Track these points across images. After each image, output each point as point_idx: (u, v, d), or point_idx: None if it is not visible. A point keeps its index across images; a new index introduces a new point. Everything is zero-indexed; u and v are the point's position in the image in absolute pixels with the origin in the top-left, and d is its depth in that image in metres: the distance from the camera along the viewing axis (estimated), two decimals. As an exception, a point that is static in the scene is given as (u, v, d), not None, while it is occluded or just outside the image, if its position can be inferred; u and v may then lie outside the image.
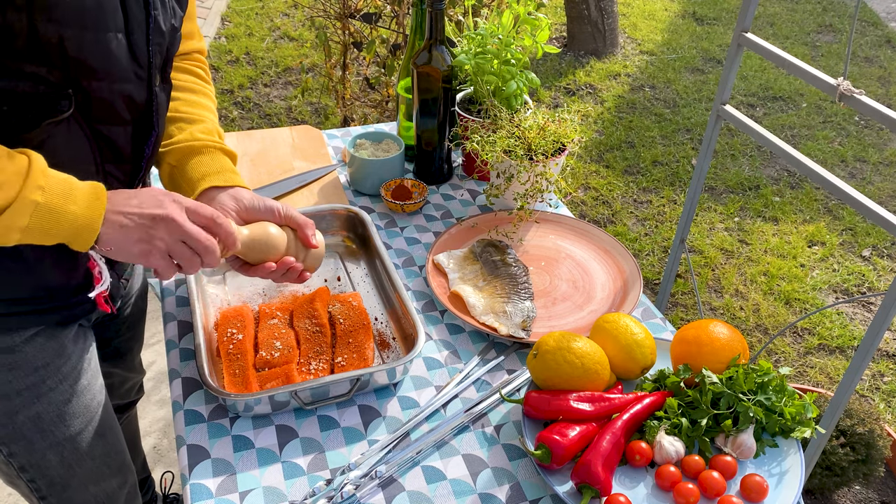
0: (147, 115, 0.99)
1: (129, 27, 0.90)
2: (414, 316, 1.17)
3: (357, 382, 1.09)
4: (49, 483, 1.15)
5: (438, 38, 1.46)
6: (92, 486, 1.20)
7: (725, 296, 2.84)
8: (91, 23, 0.84)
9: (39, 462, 1.12)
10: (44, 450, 1.11)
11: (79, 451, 1.15)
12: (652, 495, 0.98)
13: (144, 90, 0.96)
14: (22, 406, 1.06)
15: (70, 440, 1.13)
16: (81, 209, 0.85)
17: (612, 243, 1.43)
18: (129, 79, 0.93)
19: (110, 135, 0.94)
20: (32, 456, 1.11)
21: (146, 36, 0.93)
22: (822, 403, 1.89)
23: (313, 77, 4.15)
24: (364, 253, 1.39)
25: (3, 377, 1.03)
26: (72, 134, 0.89)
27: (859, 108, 1.42)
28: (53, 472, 1.14)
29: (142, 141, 1.01)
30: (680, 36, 4.87)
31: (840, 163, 3.65)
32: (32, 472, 1.13)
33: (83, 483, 1.19)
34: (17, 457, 1.11)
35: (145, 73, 0.95)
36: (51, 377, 1.07)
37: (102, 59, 0.87)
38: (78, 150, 0.91)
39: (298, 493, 0.99)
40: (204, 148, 1.10)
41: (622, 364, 1.10)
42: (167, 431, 2.21)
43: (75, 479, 1.17)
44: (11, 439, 1.08)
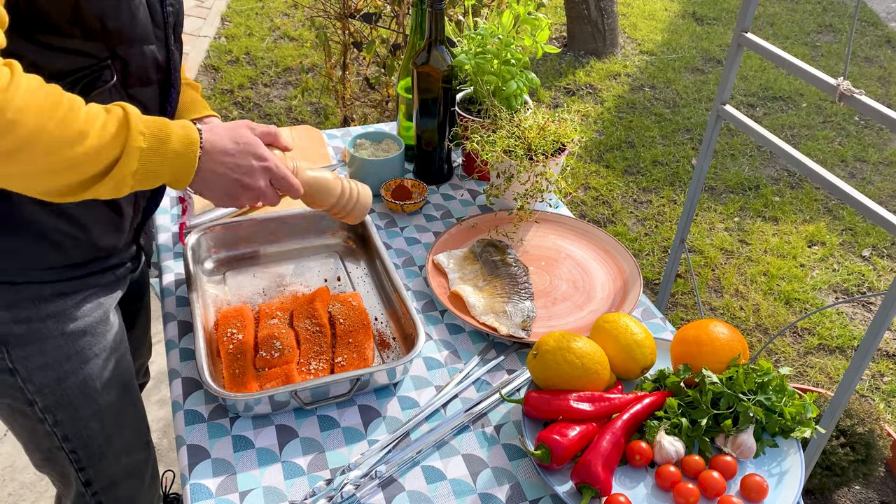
0: (168, 73, 1.06)
1: None
2: (414, 316, 1.17)
3: (357, 382, 1.09)
4: (89, 453, 1.19)
5: (438, 38, 1.46)
6: (124, 457, 1.25)
7: (725, 296, 2.84)
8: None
9: (82, 430, 1.16)
10: (87, 417, 1.15)
11: (117, 419, 1.19)
12: (652, 495, 0.98)
13: (164, 49, 1.03)
14: (71, 372, 1.09)
15: (110, 407, 1.17)
16: (179, 147, 0.90)
17: (612, 243, 1.43)
18: (152, 41, 1.00)
19: (142, 98, 1.02)
20: (76, 424, 1.14)
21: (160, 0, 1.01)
22: (822, 403, 1.89)
23: (313, 77, 4.15)
24: (364, 253, 1.39)
25: (55, 343, 1.06)
26: (112, 101, 0.94)
27: (859, 108, 1.42)
28: (93, 441, 1.18)
29: (164, 100, 1.08)
30: (680, 36, 4.87)
31: (840, 163, 3.65)
32: (74, 442, 1.16)
33: (117, 454, 1.23)
34: (62, 425, 1.14)
35: (163, 33, 1.02)
36: (97, 343, 1.11)
37: (134, 25, 0.94)
38: None
39: (298, 493, 0.99)
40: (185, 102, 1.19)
41: (622, 364, 1.10)
42: (167, 431, 2.21)
43: (111, 450, 1.21)
44: (58, 407, 1.11)
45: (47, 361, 1.06)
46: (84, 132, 0.81)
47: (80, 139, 0.81)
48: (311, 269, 1.36)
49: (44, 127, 0.77)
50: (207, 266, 1.34)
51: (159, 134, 0.88)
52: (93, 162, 0.83)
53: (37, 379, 1.07)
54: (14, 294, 1.00)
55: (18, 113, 0.75)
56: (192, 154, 0.91)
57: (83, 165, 0.82)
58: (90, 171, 0.83)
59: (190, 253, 1.27)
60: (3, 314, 1.01)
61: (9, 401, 1.10)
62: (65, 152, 0.80)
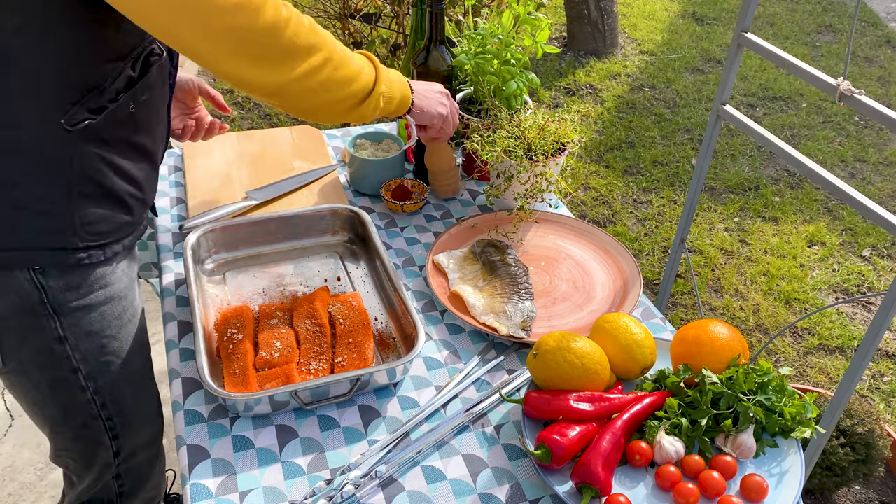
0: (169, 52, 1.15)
1: None
2: (414, 316, 1.17)
3: (357, 382, 1.09)
4: (124, 420, 1.23)
5: (438, 38, 1.46)
6: (146, 427, 1.30)
7: (725, 296, 2.84)
8: None
9: (118, 396, 1.19)
10: (121, 382, 1.19)
11: (142, 383, 1.26)
12: (652, 495, 0.98)
13: None
14: (112, 337, 1.14)
15: (136, 372, 1.22)
16: (397, 77, 1.22)
17: (612, 243, 1.43)
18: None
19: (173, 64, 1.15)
20: (114, 390, 1.18)
21: None
22: (822, 403, 1.89)
23: (313, 77, 4.14)
24: (364, 253, 1.39)
25: (100, 309, 1.11)
26: (163, 69, 1.10)
27: (859, 108, 1.42)
28: (126, 406, 1.22)
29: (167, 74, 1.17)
30: (680, 36, 4.87)
31: (840, 163, 3.65)
32: (111, 408, 1.20)
33: (142, 422, 1.28)
34: (102, 392, 1.17)
35: None
36: (129, 308, 1.17)
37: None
38: (166, 81, 1.13)
39: (298, 493, 0.99)
40: None
41: (622, 364, 1.10)
42: (167, 431, 2.21)
43: (138, 418, 1.27)
44: (100, 373, 1.15)
45: (94, 328, 1.11)
46: (350, 55, 1.08)
47: (349, 61, 1.07)
48: (311, 269, 1.36)
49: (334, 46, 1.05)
50: (207, 266, 1.34)
51: (385, 70, 1.18)
52: (362, 80, 1.10)
53: (83, 346, 1.11)
54: (66, 261, 1.03)
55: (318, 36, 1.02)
56: (406, 84, 1.25)
57: (359, 80, 1.09)
58: (363, 86, 1.10)
59: (190, 253, 1.27)
60: (56, 282, 1.04)
61: (54, 373, 1.12)
62: (350, 66, 1.08)
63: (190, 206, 1.47)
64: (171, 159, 1.65)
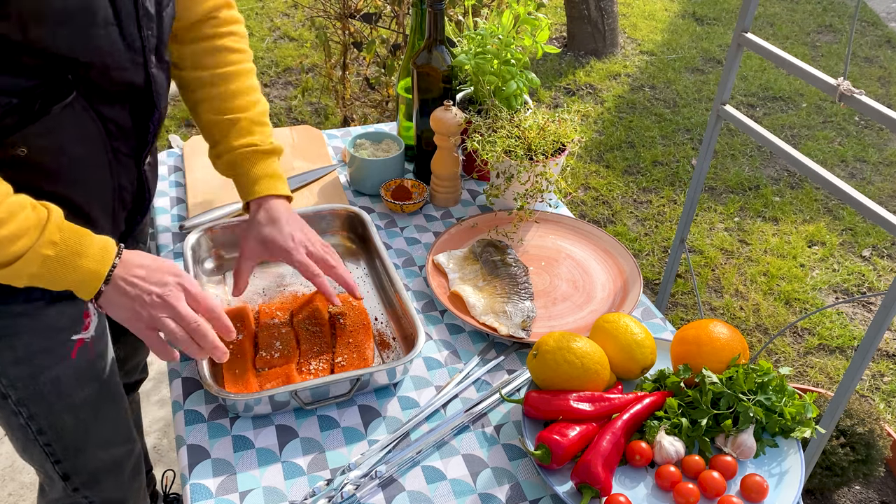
0: (147, 95, 1.04)
1: (118, 18, 0.93)
2: (414, 316, 1.17)
3: (357, 382, 1.09)
4: (64, 447, 1.18)
5: (438, 38, 1.46)
6: (102, 451, 1.24)
7: (725, 296, 2.84)
8: (79, 22, 0.88)
9: (56, 424, 1.15)
10: (61, 412, 1.14)
11: (93, 414, 1.18)
12: (652, 495, 0.98)
13: (141, 73, 1.01)
14: (44, 367, 1.09)
15: (86, 403, 1.16)
16: (90, 263, 0.92)
17: (612, 243, 1.43)
18: (123, 66, 0.97)
19: (113, 115, 1.00)
20: (50, 417, 1.14)
21: (136, 23, 0.97)
22: (822, 403, 1.89)
23: (313, 77, 4.14)
24: (364, 253, 1.39)
25: (26, 340, 1.06)
26: (78, 116, 0.95)
27: (859, 108, 1.42)
28: (69, 435, 1.17)
29: (145, 118, 1.06)
30: (680, 36, 4.87)
31: (840, 163, 3.65)
32: (50, 435, 1.16)
33: (95, 448, 1.22)
34: (37, 419, 1.13)
35: (140, 57, 0.99)
36: (70, 341, 1.10)
37: (93, 52, 0.92)
38: (87, 130, 0.97)
39: (298, 493, 0.99)
40: (236, 161, 1.19)
41: (622, 364, 1.10)
42: (167, 431, 2.21)
43: (89, 444, 1.21)
44: (32, 401, 1.11)
45: (19, 356, 1.06)
46: (3, 220, 0.85)
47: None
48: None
49: None
50: (207, 266, 1.34)
51: (72, 247, 0.90)
52: (4, 249, 0.85)
53: (10, 373, 1.07)
54: None
55: None
56: (102, 271, 0.93)
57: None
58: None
59: (190, 253, 1.27)
60: None
61: None
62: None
63: (190, 206, 1.47)
64: (171, 159, 1.65)
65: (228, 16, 1.23)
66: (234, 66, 1.21)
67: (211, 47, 1.20)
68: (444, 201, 1.54)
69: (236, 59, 1.22)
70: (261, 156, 1.19)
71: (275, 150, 1.21)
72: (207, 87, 1.20)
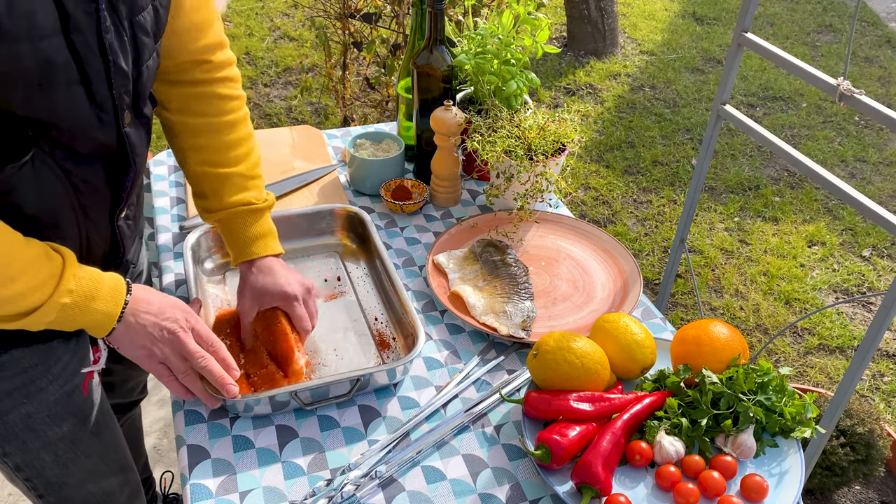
0: (121, 153, 0.97)
1: (85, 78, 0.86)
2: (414, 316, 1.17)
3: (357, 383, 1.09)
4: (46, 482, 1.15)
5: (438, 38, 1.46)
6: (90, 484, 1.20)
7: (725, 296, 2.84)
8: (37, 82, 0.81)
9: (34, 461, 1.12)
10: (38, 449, 1.10)
11: (74, 450, 1.14)
12: (652, 495, 0.98)
13: (113, 133, 0.94)
14: (12, 406, 1.05)
15: (63, 439, 1.12)
16: (104, 306, 0.93)
17: (612, 243, 1.43)
18: (91, 125, 0.90)
19: (82, 173, 0.93)
20: (27, 455, 1.11)
21: (107, 82, 0.89)
22: (822, 403, 1.89)
23: (313, 77, 4.14)
24: (364, 253, 1.39)
25: None
26: (39, 173, 0.88)
27: (859, 108, 1.42)
28: (49, 471, 1.14)
29: (120, 175, 1.00)
30: (680, 36, 4.86)
31: (840, 163, 3.65)
32: (28, 472, 1.13)
33: (81, 482, 1.18)
34: (12, 456, 1.10)
35: (111, 117, 0.92)
36: (40, 378, 1.05)
37: (55, 114, 0.85)
38: (50, 188, 0.91)
39: (298, 493, 0.99)
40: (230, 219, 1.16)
41: (622, 364, 1.10)
42: (167, 431, 2.21)
43: (72, 478, 1.17)
44: (5, 439, 1.08)
45: None
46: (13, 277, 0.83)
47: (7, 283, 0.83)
48: (311, 269, 1.36)
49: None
50: (207, 266, 1.34)
51: (87, 291, 0.90)
52: (12, 305, 0.85)
53: None
54: None
55: None
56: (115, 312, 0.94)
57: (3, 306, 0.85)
58: (7, 312, 0.86)
59: (190, 253, 1.27)
60: None
61: None
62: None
63: (190, 206, 1.47)
64: (171, 159, 1.65)
65: (223, 59, 1.14)
66: (228, 115, 1.15)
67: (202, 93, 1.13)
68: (444, 201, 1.54)
69: (230, 108, 1.15)
70: (256, 215, 1.16)
71: (267, 205, 1.18)
72: (198, 136, 1.14)
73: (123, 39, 0.90)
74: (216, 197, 1.15)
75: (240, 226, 1.15)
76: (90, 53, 0.85)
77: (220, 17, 1.13)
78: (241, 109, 1.17)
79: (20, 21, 0.76)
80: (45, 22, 0.79)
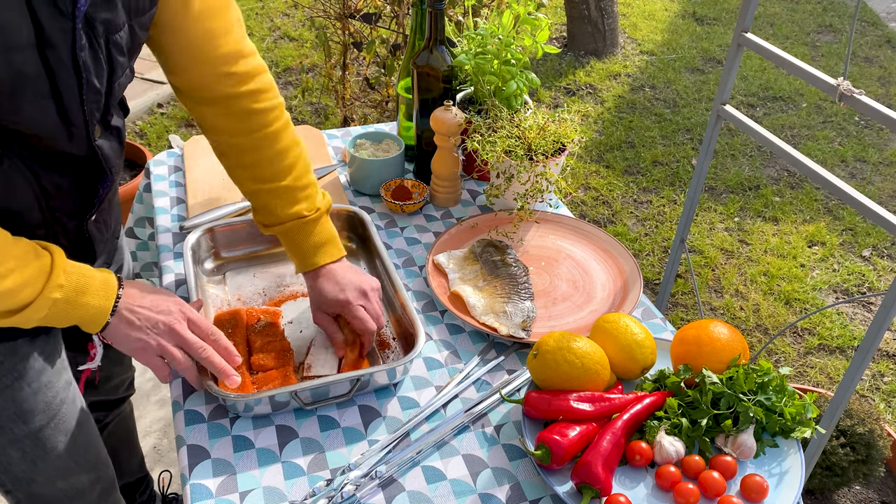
0: (93, 163, 0.97)
1: (57, 93, 0.85)
2: (414, 316, 1.17)
3: (357, 382, 1.09)
4: (13, 478, 1.15)
5: (438, 38, 1.46)
6: (60, 481, 1.19)
7: (725, 296, 2.84)
8: (8, 92, 0.81)
9: (0, 457, 1.11)
10: (3, 445, 1.10)
11: (41, 447, 1.13)
12: (652, 495, 0.98)
13: (84, 145, 0.94)
14: None
15: (31, 436, 1.11)
16: (95, 300, 0.93)
17: (612, 243, 1.43)
18: (61, 139, 0.90)
19: (52, 178, 0.94)
20: None
21: (79, 97, 0.88)
22: (822, 403, 1.89)
23: (313, 77, 4.14)
24: (364, 253, 1.39)
25: None
26: (7, 175, 0.88)
27: (859, 108, 1.42)
28: (16, 467, 1.13)
29: (92, 182, 1.00)
30: (680, 36, 4.87)
31: (840, 163, 3.65)
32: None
33: (49, 479, 1.17)
34: None
35: (82, 131, 0.92)
36: (5, 375, 1.05)
37: (22, 123, 0.85)
38: (19, 190, 0.91)
39: (298, 493, 0.99)
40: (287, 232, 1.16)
41: (622, 364, 1.10)
42: (167, 431, 2.21)
43: (41, 475, 1.16)
44: None
45: None
46: (2, 274, 0.84)
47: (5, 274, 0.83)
48: (311, 269, 1.36)
49: None
50: (207, 266, 1.34)
51: (77, 286, 0.91)
52: (3, 303, 0.85)
53: None
54: None
55: None
56: (107, 306, 0.94)
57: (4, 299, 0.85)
58: (8, 306, 0.86)
59: (190, 253, 1.27)
60: None
61: None
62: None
63: (190, 206, 1.47)
64: (171, 159, 1.65)
65: (247, 69, 1.09)
66: (266, 128, 1.11)
67: (235, 111, 1.09)
68: (444, 201, 1.54)
69: (268, 121, 1.11)
70: (311, 226, 1.15)
71: (321, 213, 1.16)
72: (240, 155, 1.12)
73: (98, 57, 0.89)
74: (268, 212, 1.15)
75: (297, 238, 1.15)
76: (63, 69, 0.85)
77: (242, 25, 1.08)
78: (281, 119, 1.13)
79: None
80: (19, 35, 0.79)
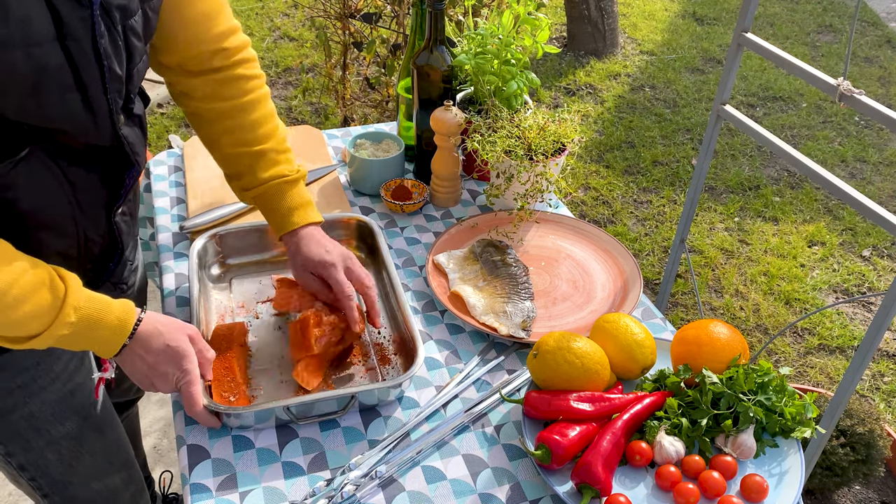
0: (119, 152, 0.98)
1: (81, 84, 0.86)
2: (413, 328, 1.15)
3: (352, 400, 1.07)
4: (50, 481, 1.15)
5: (438, 38, 1.46)
6: (95, 482, 1.21)
7: (725, 296, 2.84)
8: (31, 89, 0.81)
9: (37, 460, 1.12)
10: (41, 448, 1.11)
11: (77, 448, 1.15)
12: (652, 495, 0.98)
13: (108, 134, 0.95)
14: (15, 406, 1.06)
15: (67, 437, 1.13)
16: (106, 334, 0.93)
17: (612, 243, 1.43)
18: (86, 129, 0.91)
19: (78, 171, 0.94)
20: (30, 454, 1.11)
21: (102, 86, 0.89)
22: (822, 403, 1.89)
23: (313, 77, 4.14)
24: (372, 262, 1.37)
25: None
26: (35, 172, 0.88)
27: (859, 108, 1.42)
28: (53, 469, 1.14)
29: (118, 173, 1.01)
30: (680, 36, 4.86)
31: (840, 163, 3.65)
32: (32, 471, 1.13)
33: (85, 480, 1.19)
34: (16, 456, 1.11)
35: (106, 120, 0.93)
36: (42, 376, 1.06)
37: (48, 119, 0.85)
38: (46, 185, 0.91)
39: (298, 493, 0.99)
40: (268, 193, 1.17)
41: (622, 364, 1.10)
42: (167, 431, 2.21)
43: (76, 476, 1.18)
44: (8, 438, 1.08)
45: None
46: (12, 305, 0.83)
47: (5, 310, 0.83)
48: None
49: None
50: (213, 272, 1.33)
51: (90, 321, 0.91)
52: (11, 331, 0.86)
53: None
54: None
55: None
56: (119, 341, 0.95)
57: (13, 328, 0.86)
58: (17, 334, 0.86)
59: (196, 259, 1.25)
60: None
61: None
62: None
63: (190, 206, 1.47)
64: (171, 159, 1.65)
65: (237, 44, 1.16)
66: (251, 94, 1.17)
67: (225, 78, 1.15)
68: (444, 201, 1.54)
69: (252, 87, 1.18)
70: (290, 186, 1.18)
71: (300, 175, 1.20)
72: (227, 119, 1.16)
73: (118, 44, 0.90)
74: (251, 174, 1.17)
75: (277, 199, 1.17)
76: (84, 59, 0.85)
77: (227, 3, 1.16)
78: (262, 88, 1.20)
79: (16, 28, 0.76)
80: (41, 29, 0.79)
